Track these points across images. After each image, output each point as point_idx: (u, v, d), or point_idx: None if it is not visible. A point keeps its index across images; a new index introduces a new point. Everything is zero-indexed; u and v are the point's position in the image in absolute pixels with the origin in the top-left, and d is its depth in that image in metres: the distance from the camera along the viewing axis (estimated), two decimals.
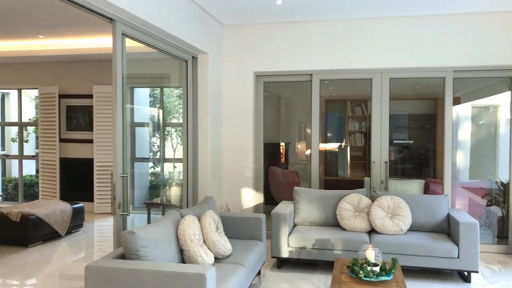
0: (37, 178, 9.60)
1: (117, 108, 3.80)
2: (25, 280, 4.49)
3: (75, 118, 8.08)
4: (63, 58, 7.73)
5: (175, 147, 11.18)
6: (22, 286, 4.37)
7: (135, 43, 5.64)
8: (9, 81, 8.36)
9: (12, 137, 10.12)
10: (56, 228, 5.88)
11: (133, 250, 2.96)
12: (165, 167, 8.24)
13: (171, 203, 6.32)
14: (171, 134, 10.36)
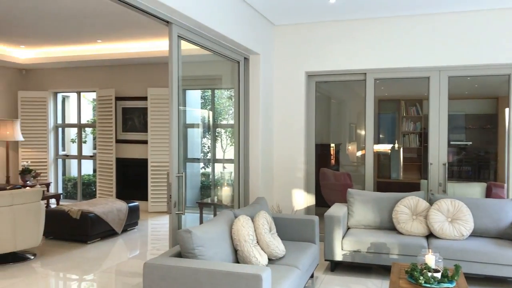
0: (95, 178, 10.02)
1: (173, 109, 3.87)
2: (84, 275, 4.68)
3: (131, 120, 8.34)
4: (119, 62, 8.01)
5: (224, 148, 11.31)
6: (81, 281, 4.55)
7: (189, 45, 5.74)
8: (70, 85, 8.77)
9: (71, 138, 10.62)
10: (113, 225, 6.09)
11: (189, 249, 2.99)
12: (216, 168, 8.33)
13: (222, 203, 6.38)
14: (221, 135, 10.49)
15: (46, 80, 8.90)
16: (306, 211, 5.89)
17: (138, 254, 5.52)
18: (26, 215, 4.91)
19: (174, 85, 3.88)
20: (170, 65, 3.86)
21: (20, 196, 4.85)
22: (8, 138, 7.93)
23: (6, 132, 7.90)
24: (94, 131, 11.07)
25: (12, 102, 8.75)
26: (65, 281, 4.64)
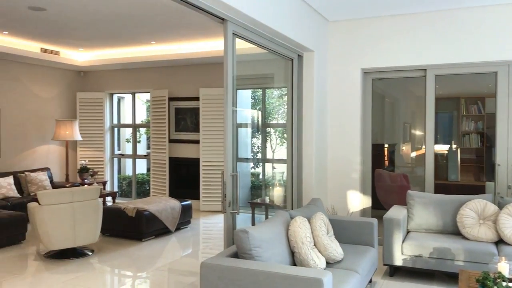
0: (148, 176, 10.24)
1: (227, 109, 3.82)
2: (140, 273, 4.74)
3: (183, 120, 8.44)
4: (172, 63, 8.13)
5: (274, 148, 11.22)
6: (137, 279, 4.61)
7: (241, 44, 5.68)
8: (125, 86, 9.02)
9: (126, 138, 10.93)
10: (167, 224, 6.16)
11: (246, 249, 2.92)
12: (266, 168, 8.26)
13: (274, 203, 6.29)
14: (271, 135, 10.41)
15: (103, 82, 9.20)
16: (362, 213, 5.69)
17: (191, 253, 5.54)
18: (85, 212, 5.05)
19: (229, 84, 3.84)
20: (225, 63, 3.82)
21: (80, 193, 4.99)
22: (67, 137, 8.25)
23: (65, 132, 8.23)
24: (148, 131, 11.33)
25: (71, 103, 9.10)
26: (122, 278, 4.73)
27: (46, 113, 8.56)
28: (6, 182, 7.00)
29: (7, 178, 7.10)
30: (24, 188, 7.42)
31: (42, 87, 8.48)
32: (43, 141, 8.50)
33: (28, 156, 8.22)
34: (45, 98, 8.54)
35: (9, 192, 6.94)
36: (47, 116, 8.59)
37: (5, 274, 4.62)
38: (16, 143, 7.99)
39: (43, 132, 8.50)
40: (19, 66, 8.00)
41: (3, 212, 5.66)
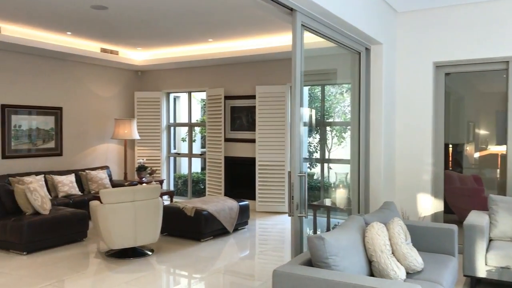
0: (203, 175, 10.21)
1: (295, 106, 3.58)
2: (200, 274, 4.61)
3: (239, 119, 8.31)
4: (228, 61, 8.01)
5: (330, 147, 10.87)
6: (197, 280, 4.49)
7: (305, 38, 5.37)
8: (181, 85, 9.01)
9: (182, 137, 10.97)
10: (225, 224, 6.02)
11: (322, 258, 2.68)
12: (325, 168, 7.95)
13: (336, 205, 5.99)
14: (328, 134, 10.08)
15: (159, 81, 9.25)
16: (433, 218, 5.28)
17: (250, 255, 5.37)
18: (146, 211, 4.99)
19: (297, 80, 3.60)
20: (293, 57, 3.58)
21: (141, 192, 4.94)
22: (126, 136, 8.34)
23: (124, 131, 8.32)
24: (202, 130, 11.33)
25: (129, 102, 9.22)
26: (183, 280, 4.62)
27: (105, 112, 8.71)
28: (68, 180, 7.15)
29: (69, 176, 7.25)
30: (85, 186, 7.56)
31: (102, 86, 8.63)
32: (102, 140, 8.66)
33: (89, 154, 8.39)
34: (105, 97, 8.69)
35: (71, 190, 7.08)
36: (106, 115, 8.74)
37: (68, 271, 4.64)
38: (77, 142, 8.17)
39: (102, 131, 8.66)
40: (80, 66, 8.18)
41: (65, 210, 5.74)
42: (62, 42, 7.15)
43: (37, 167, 7.42)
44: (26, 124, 7.29)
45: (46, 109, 7.59)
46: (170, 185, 9.45)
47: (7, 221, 5.23)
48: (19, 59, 7.19)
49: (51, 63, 7.67)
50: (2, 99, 6.97)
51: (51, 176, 7.05)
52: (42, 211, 5.42)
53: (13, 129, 7.10)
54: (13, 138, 7.09)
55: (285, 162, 7.74)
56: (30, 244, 5.16)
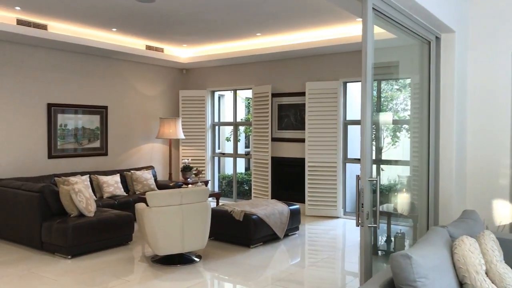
0: (247, 176, 9.88)
1: (366, 102, 3.13)
2: (247, 283, 4.25)
3: (286, 117, 7.91)
4: (277, 56, 7.62)
5: (382, 147, 10.26)
6: None
7: None
8: (226, 83, 8.71)
9: (226, 137, 10.69)
10: (275, 229, 5.64)
11: (409, 280, 2.23)
12: (381, 169, 7.40)
13: (397, 211, 5.48)
14: (382, 133, 9.51)
15: (204, 79, 8.99)
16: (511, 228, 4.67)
17: (304, 264, 4.96)
18: (194, 215, 4.69)
19: (368, 72, 3.16)
20: (363, 46, 3.13)
21: (189, 195, 4.64)
22: (171, 136, 8.13)
23: (169, 130, 8.11)
24: (247, 129, 11.01)
25: (174, 101, 9.02)
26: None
27: (150, 111, 8.54)
28: (113, 180, 6.98)
29: (114, 176, 7.09)
30: (129, 186, 7.39)
31: (147, 85, 8.47)
32: (147, 139, 8.49)
33: (134, 154, 8.23)
34: (150, 96, 8.52)
35: (116, 190, 6.91)
36: (151, 114, 8.57)
37: (112, 278, 4.40)
38: (122, 141, 8.03)
39: (147, 130, 8.49)
40: (125, 65, 8.03)
41: (110, 212, 5.54)
42: (108, 39, 7.00)
43: (83, 167, 7.32)
44: (72, 123, 7.19)
45: (92, 108, 7.48)
46: (214, 186, 9.17)
47: (53, 223, 5.07)
48: (65, 58, 7.10)
49: (97, 61, 7.56)
50: (48, 98, 6.89)
51: (96, 176, 6.91)
52: (87, 213, 5.23)
53: (59, 128, 7.02)
54: (59, 138, 7.01)
55: (337, 163, 7.27)
56: (74, 248, 4.97)
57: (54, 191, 5.28)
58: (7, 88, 6.39)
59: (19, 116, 6.53)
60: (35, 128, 6.72)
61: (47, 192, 5.22)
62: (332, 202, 7.33)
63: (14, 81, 6.47)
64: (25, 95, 6.60)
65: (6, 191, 5.61)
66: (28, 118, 6.64)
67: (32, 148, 6.69)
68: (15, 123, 6.49)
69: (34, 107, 6.71)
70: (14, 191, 5.50)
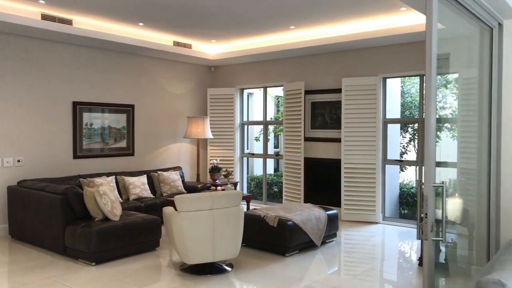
0: (278, 178, 9.48)
1: (431, 98, 2.68)
2: None
3: (320, 116, 7.47)
4: (311, 50, 7.19)
5: (418, 147, 9.68)
6: None
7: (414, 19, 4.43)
8: (256, 80, 8.33)
9: (255, 136, 10.31)
10: (312, 237, 5.22)
11: None
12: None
13: (447, 218, 4.96)
14: (420, 132, 8.92)
15: (233, 76, 8.64)
16: None
17: (340, 274, 4.52)
18: (226, 221, 4.31)
19: (432, 63, 2.71)
20: (427, 33, 2.68)
21: (221, 199, 4.27)
22: (199, 135, 7.80)
23: (197, 129, 7.78)
24: (276, 128, 10.61)
25: (202, 99, 8.69)
26: None
27: (177, 110, 8.24)
28: (140, 181, 6.69)
29: (141, 178, 6.80)
30: (156, 187, 7.09)
31: (174, 83, 8.17)
32: (174, 139, 8.19)
33: (160, 154, 7.94)
34: (177, 94, 8.22)
35: (143, 192, 6.62)
36: (179, 113, 8.26)
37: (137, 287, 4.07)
38: (149, 141, 7.75)
39: (174, 129, 8.19)
40: (152, 62, 7.75)
41: (137, 216, 5.22)
42: (134, 34, 6.72)
43: (108, 168, 7.06)
44: (97, 122, 6.95)
45: (118, 107, 7.22)
46: (243, 188, 8.80)
47: (76, 227, 4.78)
48: (91, 54, 6.85)
49: (123, 58, 7.29)
50: (73, 96, 6.66)
51: (122, 177, 6.63)
52: (112, 217, 4.93)
53: (84, 127, 6.78)
54: (84, 137, 6.77)
55: (376, 165, 6.78)
56: (99, 254, 4.67)
57: (78, 194, 5.00)
58: (31, 86, 6.17)
59: (44, 115, 6.31)
60: (60, 127, 6.49)
61: (70, 194, 4.95)
62: (370, 207, 6.84)
63: (38, 79, 6.25)
64: (50, 93, 6.38)
65: (30, 193, 5.37)
66: (52, 117, 6.41)
67: (57, 148, 6.47)
68: (40, 122, 6.27)
69: (59, 105, 6.48)
70: (37, 193, 5.25)
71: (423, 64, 6.11)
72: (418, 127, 6.75)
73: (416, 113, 9.33)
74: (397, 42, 6.50)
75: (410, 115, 9.06)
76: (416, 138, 9.43)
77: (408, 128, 9.12)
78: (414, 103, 8.86)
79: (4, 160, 5.92)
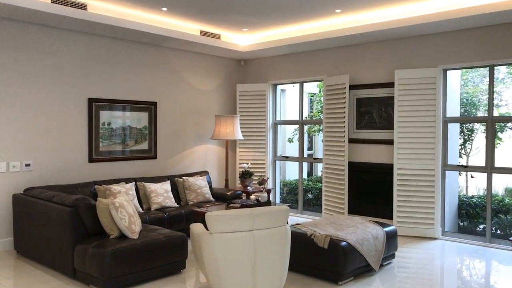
0: (312, 183, 8.57)
1: None
2: None
3: (367, 113, 6.53)
4: (357, 39, 6.26)
5: (469, 150, 8.63)
6: None
7: None
8: (292, 74, 7.44)
9: (289, 138, 9.42)
10: (369, 260, 4.30)
11: None
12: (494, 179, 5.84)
13: None
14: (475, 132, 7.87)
15: (265, 71, 7.77)
16: None
17: None
18: (269, 244, 3.44)
19: None
20: None
21: (263, 217, 3.40)
22: (228, 136, 6.96)
23: (226, 130, 6.94)
24: (310, 129, 9.70)
25: (231, 96, 7.86)
26: None
27: (203, 108, 7.42)
28: (163, 188, 5.89)
29: (164, 184, 6.00)
30: (181, 195, 6.28)
31: (200, 78, 7.35)
32: (200, 140, 7.37)
33: (185, 157, 7.14)
34: (203, 91, 7.41)
35: (166, 200, 5.81)
36: (205, 111, 7.45)
37: None
38: (173, 143, 6.96)
39: (201, 130, 7.38)
40: (176, 54, 6.95)
41: (159, 233, 4.39)
42: (157, 22, 5.93)
43: (128, 172, 6.29)
44: (116, 122, 6.18)
45: (139, 104, 6.44)
46: (276, 195, 7.93)
47: (87, 246, 3.99)
48: (108, 45, 6.09)
49: (144, 50, 6.51)
50: (89, 92, 5.91)
51: (143, 184, 5.85)
52: (130, 234, 4.12)
53: (101, 127, 6.02)
54: (101, 139, 6.01)
55: (434, 171, 5.81)
56: (113, 280, 3.86)
57: (90, 206, 4.21)
58: (40, 80, 5.44)
59: (55, 113, 5.58)
60: (73, 127, 5.75)
61: (81, 207, 4.16)
62: (428, 219, 5.87)
63: (49, 72, 5.52)
64: (62, 89, 5.64)
65: (36, 203, 4.62)
66: (65, 115, 5.67)
67: (70, 150, 5.72)
68: (51, 121, 5.54)
69: (72, 102, 5.73)
70: (44, 204, 4.49)
71: (493, 53, 5.08)
72: (486, 128, 5.73)
73: (473, 111, 8.30)
74: (462, 27, 5.52)
75: (466, 113, 8.02)
76: (470, 140, 8.38)
77: (464, 129, 8.08)
78: (471, 100, 7.82)
79: (10, 164, 5.20)
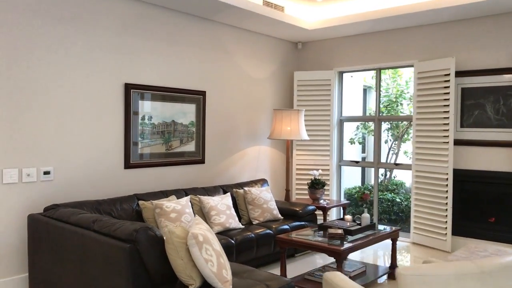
0: (381, 193, 7.16)
1: None
2: None
3: (477, 108, 5.14)
4: (462, 12, 4.86)
5: None
6: None
7: None
8: (366, 59, 6.02)
9: (350, 138, 7.97)
10: None
11: None
12: None
13: None
14: None
15: (330, 55, 6.35)
16: None
17: None
18: None
19: None
20: None
21: (500, 275, 1.96)
22: (291, 136, 5.52)
23: (287, 127, 5.51)
24: (365, 127, 8.29)
25: (287, 86, 6.43)
26: None
27: (257, 100, 5.99)
28: (224, 204, 4.43)
29: (224, 198, 4.54)
30: (242, 211, 4.84)
31: (253, 62, 5.91)
32: (253, 140, 5.94)
33: (236, 161, 5.70)
34: (256, 79, 5.97)
35: (230, 220, 4.35)
36: (258, 104, 6.02)
37: None
38: (223, 143, 5.52)
39: (254, 127, 5.95)
40: (227, 31, 5.51)
41: (256, 279, 2.93)
42: None
43: (172, 182, 4.85)
44: (158, 116, 4.73)
45: (185, 93, 5.00)
46: (339, 209, 6.49)
47: None
48: (149, 17, 4.63)
49: (191, 24, 5.06)
50: (125, 75, 4.44)
51: (198, 198, 4.40)
52: (221, 285, 2.65)
53: (141, 122, 4.56)
54: (140, 137, 4.55)
55: None
56: None
57: (156, 240, 2.74)
58: (62, 62, 3.97)
59: (81, 103, 4.11)
60: (105, 122, 4.28)
61: (143, 241, 2.69)
62: None
63: (72, 51, 4.05)
64: (90, 72, 4.17)
65: (66, 231, 3.14)
66: (94, 106, 4.21)
67: (101, 153, 4.26)
68: (75, 115, 4.07)
69: (103, 88, 4.27)
70: (81, 234, 3.02)
71: None
72: None
73: None
74: None
75: None
76: None
77: None
78: None
79: (24, 171, 3.73)
